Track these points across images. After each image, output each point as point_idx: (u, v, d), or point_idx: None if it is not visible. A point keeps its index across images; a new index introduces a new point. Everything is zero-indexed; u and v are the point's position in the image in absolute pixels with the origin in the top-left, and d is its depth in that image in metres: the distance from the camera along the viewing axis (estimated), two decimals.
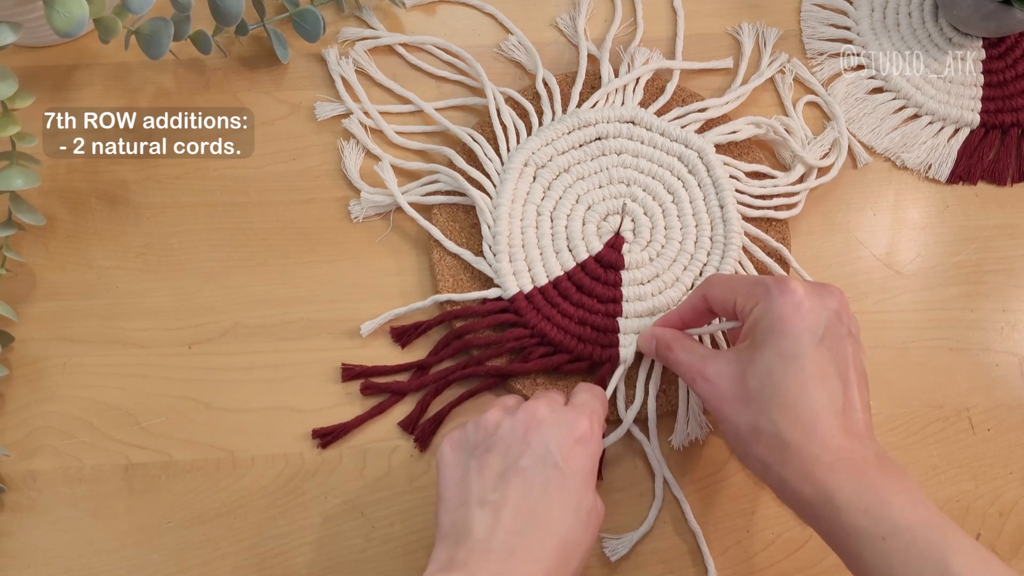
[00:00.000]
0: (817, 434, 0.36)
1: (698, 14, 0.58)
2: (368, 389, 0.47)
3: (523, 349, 0.48)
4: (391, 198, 0.50)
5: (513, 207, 0.50)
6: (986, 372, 0.50)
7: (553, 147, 0.51)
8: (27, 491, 0.45)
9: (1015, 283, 0.52)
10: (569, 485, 0.37)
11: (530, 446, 0.38)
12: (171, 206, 0.51)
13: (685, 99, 0.54)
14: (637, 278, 0.49)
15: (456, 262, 0.50)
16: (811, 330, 0.37)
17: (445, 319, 0.48)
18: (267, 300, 0.49)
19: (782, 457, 0.37)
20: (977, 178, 0.55)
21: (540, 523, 0.36)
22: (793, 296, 0.38)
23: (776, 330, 0.38)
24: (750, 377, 0.38)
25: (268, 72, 0.55)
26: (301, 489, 0.45)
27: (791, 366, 0.37)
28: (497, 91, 0.53)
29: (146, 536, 0.44)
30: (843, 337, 0.38)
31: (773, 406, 0.37)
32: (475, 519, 0.36)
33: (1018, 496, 0.47)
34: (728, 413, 0.39)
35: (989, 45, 0.58)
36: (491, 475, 0.37)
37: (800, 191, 0.52)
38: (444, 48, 0.55)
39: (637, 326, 0.48)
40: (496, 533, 0.35)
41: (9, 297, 0.48)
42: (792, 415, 0.37)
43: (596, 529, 0.38)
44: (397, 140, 0.53)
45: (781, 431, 0.37)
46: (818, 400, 0.37)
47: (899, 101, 0.56)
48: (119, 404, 0.47)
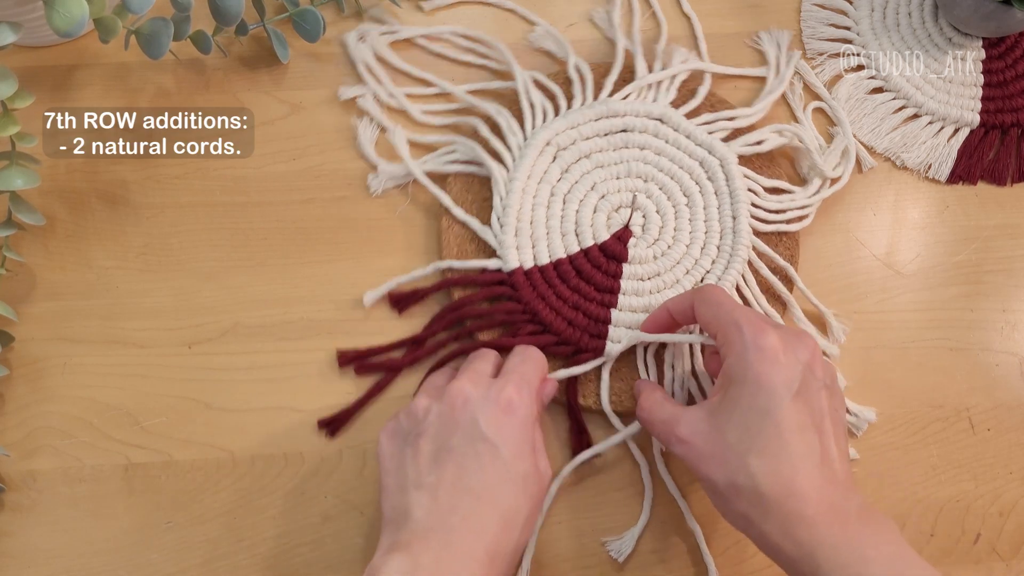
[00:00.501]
0: (797, 487, 0.36)
1: (698, 14, 0.58)
2: (363, 369, 0.47)
3: (513, 324, 0.48)
4: (406, 168, 0.51)
5: (528, 183, 0.50)
6: (986, 372, 0.50)
7: (578, 131, 0.51)
8: (27, 491, 0.45)
9: (1015, 283, 0.52)
10: (503, 455, 0.38)
11: (459, 424, 0.38)
12: (171, 206, 0.51)
13: (715, 105, 0.54)
14: (638, 273, 0.49)
15: (463, 232, 0.50)
16: (786, 384, 0.37)
17: (444, 286, 0.49)
18: (267, 300, 0.49)
19: (762, 511, 0.37)
20: (977, 178, 0.55)
21: (477, 498, 0.37)
22: (768, 352, 0.38)
23: (750, 383, 0.38)
24: (727, 433, 0.38)
25: (268, 72, 0.55)
26: (301, 489, 0.45)
27: (767, 420, 0.37)
28: (525, 73, 0.53)
29: (146, 536, 0.44)
30: (817, 389, 0.38)
31: (751, 461, 0.37)
32: (413, 502, 0.37)
33: (1018, 496, 0.47)
34: (705, 471, 0.39)
35: (989, 45, 0.57)
36: (425, 459, 0.38)
37: (812, 203, 0.52)
38: (465, 35, 0.56)
39: (630, 320, 0.48)
40: (434, 513, 0.37)
41: (9, 297, 0.48)
42: (771, 469, 0.37)
43: (538, 493, 0.39)
44: (422, 119, 0.53)
45: (760, 486, 0.37)
46: (796, 453, 0.37)
47: (899, 101, 0.56)
48: (119, 404, 0.47)
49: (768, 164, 0.53)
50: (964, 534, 0.46)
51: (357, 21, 0.56)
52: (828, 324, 0.50)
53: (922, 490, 0.47)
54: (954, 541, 0.46)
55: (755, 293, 0.49)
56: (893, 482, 0.47)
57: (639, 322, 0.47)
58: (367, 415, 0.47)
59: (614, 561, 0.45)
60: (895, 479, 0.47)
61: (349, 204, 0.51)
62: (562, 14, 0.57)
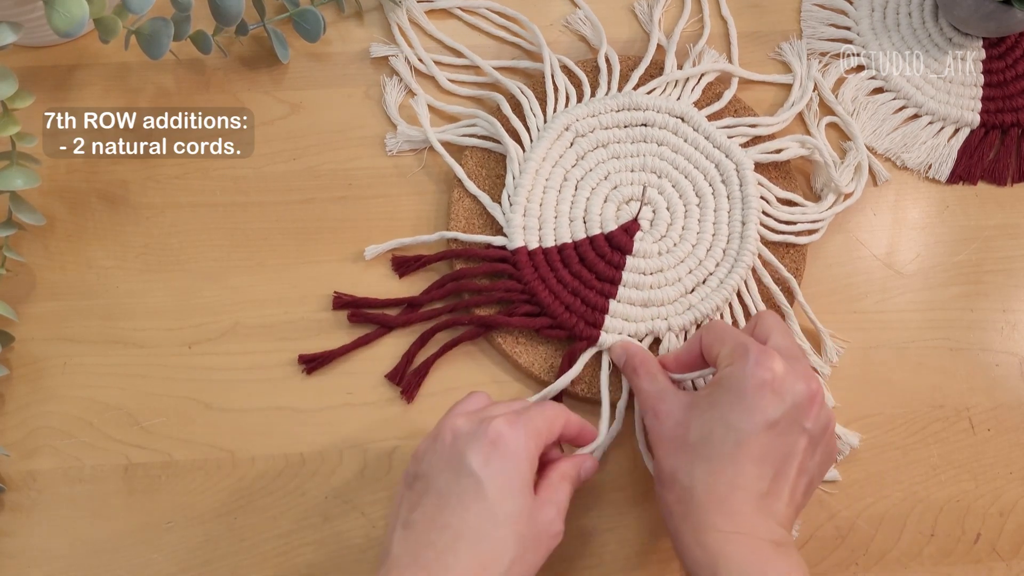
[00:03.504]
0: (727, 506, 0.37)
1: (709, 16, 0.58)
2: (356, 318, 0.48)
3: (511, 303, 0.48)
4: (424, 134, 0.52)
5: (543, 165, 0.51)
6: (986, 372, 0.50)
7: (598, 120, 0.52)
8: (27, 491, 0.45)
9: (1015, 283, 0.52)
10: (487, 491, 0.36)
11: (447, 461, 0.37)
12: (171, 206, 0.51)
13: (738, 110, 0.54)
14: (641, 267, 0.49)
15: (473, 206, 0.50)
16: (765, 413, 0.37)
17: (447, 256, 0.49)
18: (267, 300, 0.49)
19: (685, 511, 0.37)
20: (977, 178, 0.55)
21: (454, 534, 0.35)
22: (766, 374, 0.38)
23: (735, 396, 0.38)
24: (693, 429, 0.39)
25: (268, 72, 0.55)
26: (301, 489, 0.45)
27: (730, 436, 0.37)
28: (554, 56, 0.54)
29: (146, 536, 0.44)
30: (797, 433, 0.38)
31: (698, 463, 0.38)
32: (395, 540, 0.37)
33: (1018, 496, 0.47)
34: (659, 452, 0.40)
35: (989, 45, 0.58)
36: (415, 498, 0.38)
37: (825, 218, 0.52)
38: (500, 12, 0.56)
39: (627, 312, 0.48)
40: (408, 549, 0.36)
41: (9, 297, 0.48)
42: (712, 480, 0.37)
43: (528, 539, 0.37)
44: (448, 86, 0.54)
45: (695, 488, 0.37)
46: (744, 476, 0.37)
47: (899, 101, 0.56)
48: (119, 404, 0.47)
49: (784, 176, 0.53)
50: (964, 534, 0.46)
51: (358, 21, 0.56)
52: (823, 343, 0.49)
53: (922, 490, 0.47)
54: (954, 541, 0.46)
55: (755, 300, 0.49)
56: (893, 482, 0.47)
57: (635, 315, 0.48)
58: (368, 415, 0.47)
59: (615, 561, 0.45)
60: (895, 479, 0.47)
61: (349, 204, 0.51)
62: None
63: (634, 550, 0.45)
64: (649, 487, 0.46)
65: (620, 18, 0.58)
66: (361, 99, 0.54)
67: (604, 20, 0.56)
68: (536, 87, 0.53)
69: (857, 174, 0.53)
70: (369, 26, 0.56)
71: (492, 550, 0.35)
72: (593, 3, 0.58)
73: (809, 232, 0.51)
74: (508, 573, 0.36)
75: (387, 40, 0.56)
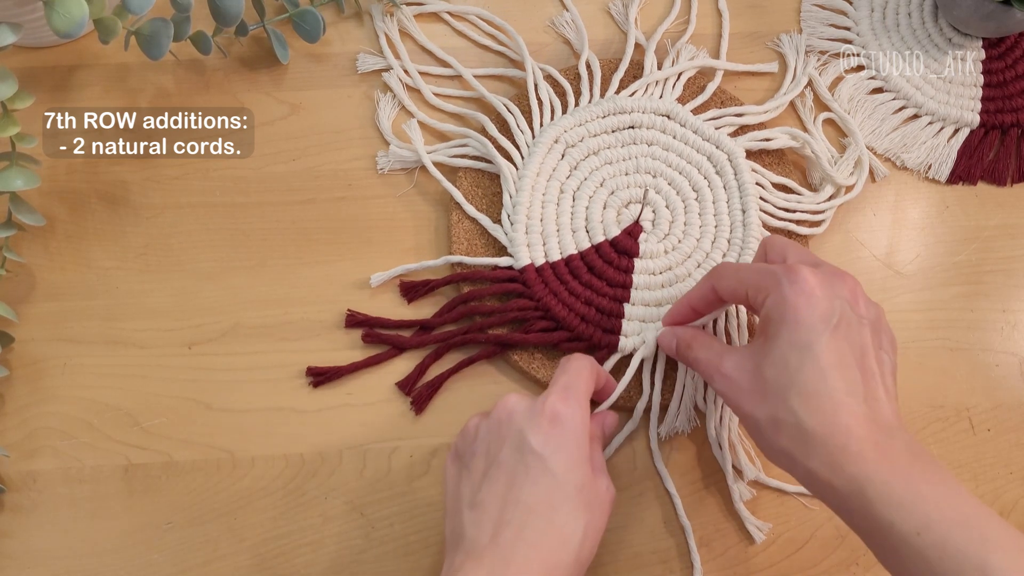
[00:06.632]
0: (840, 423, 0.35)
1: (698, 14, 0.58)
2: (369, 337, 0.48)
3: (525, 321, 0.48)
4: (417, 155, 0.51)
5: (537, 180, 0.51)
6: (986, 372, 0.50)
7: (586, 128, 0.52)
8: (27, 492, 0.45)
9: (1015, 283, 0.52)
10: (552, 467, 0.36)
11: (506, 439, 0.38)
12: (171, 206, 0.51)
13: (724, 101, 0.54)
14: (650, 268, 0.49)
15: (473, 227, 0.50)
16: (824, 318, 0.37)
17: (454, 280, 0.49)
18: (267, 300, 0.49)
19: (806, 449, 0.36)
20: (977, 178, 0.55)
21: (529, 511, 0.36)
22: (804, 285, 0.37)
23: (788, 320, 0.37)
24: (766, 368, 0.37)
25: (268, 72, 0.55)
26: (301, 489, 0.45)
27: (807, 355, 0.36)
28: (537, 66, 0.54)
29: (146, 537, 0.44)
30: (859, 326, 0.37)
31: (792, 396, 0.36)
32: (466, 522, 0.37)
33: (1018, 496, 0.47)
34: (747, 407, 0.38)
35: (989, 45, 0.58)
36: (477, 477, 0.38)
37: (827, 209, 0.52)
38: (488, 20, 0.56)
39: (642, 314, 0.48)
40: (484, 529, 0.36)
41: (9, 297, 0.48)
42: (813, 404, 0.36)
43: (598, 507, 0.38)
44: (434, 101, 0.54)
45: (802, 421, 0.36)
46: (838, 388, 0.36)
47: (899, 101, 0.56)
48: (119, 404, 0.47)
49: (777, 162, 0.53)
50: None
51: (357, 21, 0.56)
52: None
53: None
54: None
55: None
56: None
57: (651, 316, 0.48)
58: (367, 416, 0.47)
59: (615, 561, 0.45)
60: None
61: (349, 204, 0.51)
62: None
63: (634, 550, 0.45)
64: (649, 487, 0.46)
65: (597, 19, 0.58)
66: (361, 99, 0.54)
67: (582, 21, 0.56)
68: (522, 98, 0.53)
69: (857, 168, 0.53)
70: (369, 27, 0.57)
71: (567, 522, 0.36)
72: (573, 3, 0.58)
73: (811, 224, 0.52)
74: (584, 541, 0.36)
75: (375, 51, 0.55)
